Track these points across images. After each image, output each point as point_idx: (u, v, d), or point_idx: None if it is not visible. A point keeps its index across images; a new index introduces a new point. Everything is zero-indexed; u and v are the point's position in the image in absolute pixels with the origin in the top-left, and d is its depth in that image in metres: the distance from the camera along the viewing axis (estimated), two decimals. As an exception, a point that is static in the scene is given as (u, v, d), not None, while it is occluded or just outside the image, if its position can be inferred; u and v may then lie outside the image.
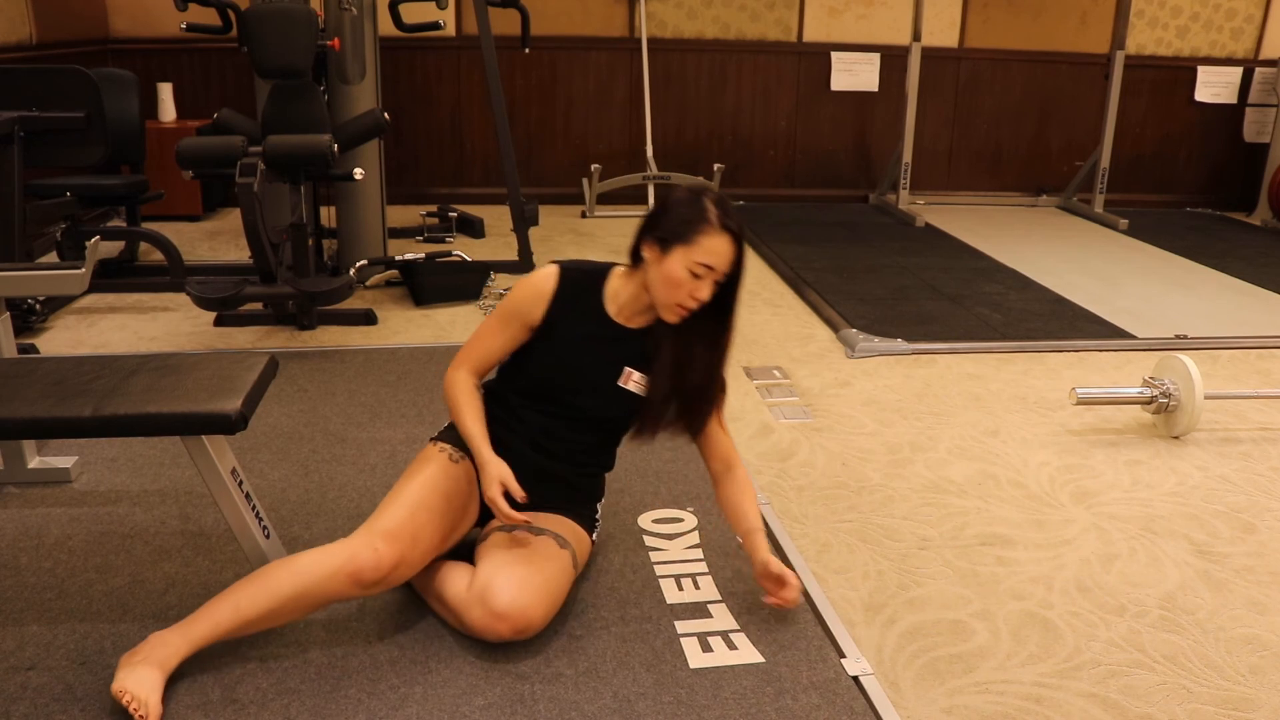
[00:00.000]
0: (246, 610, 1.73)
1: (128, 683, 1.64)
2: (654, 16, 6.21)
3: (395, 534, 1.81)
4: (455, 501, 1.94)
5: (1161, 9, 6.61)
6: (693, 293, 1.87)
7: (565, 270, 1.99)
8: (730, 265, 1.88)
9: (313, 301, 3.65)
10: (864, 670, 1.84)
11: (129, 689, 1.63)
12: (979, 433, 3.00)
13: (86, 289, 2.55)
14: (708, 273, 1.86)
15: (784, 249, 5.18)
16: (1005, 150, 6.82)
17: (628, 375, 1.99)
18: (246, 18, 3.94)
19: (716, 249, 1.85)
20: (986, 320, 4.10)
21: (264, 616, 1.74)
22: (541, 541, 1.92)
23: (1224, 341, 3.94)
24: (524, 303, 1.97)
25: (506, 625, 1.79)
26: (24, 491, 2.41)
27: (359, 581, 1.76)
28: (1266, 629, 2.06)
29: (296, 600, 1.74)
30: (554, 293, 1.97)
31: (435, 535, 1.88)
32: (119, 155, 4.26)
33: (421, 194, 6.15)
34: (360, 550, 1.77)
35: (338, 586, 1.75)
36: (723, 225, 1.85)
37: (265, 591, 1.74)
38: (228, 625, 1.73)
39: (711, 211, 1.85)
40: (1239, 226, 6.40)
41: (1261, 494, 2.67)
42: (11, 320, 2.46)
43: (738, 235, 1.87)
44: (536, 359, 2.00)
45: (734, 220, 1.86)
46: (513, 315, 1.98)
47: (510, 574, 1.83)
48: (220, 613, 1.74)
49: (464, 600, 1.84)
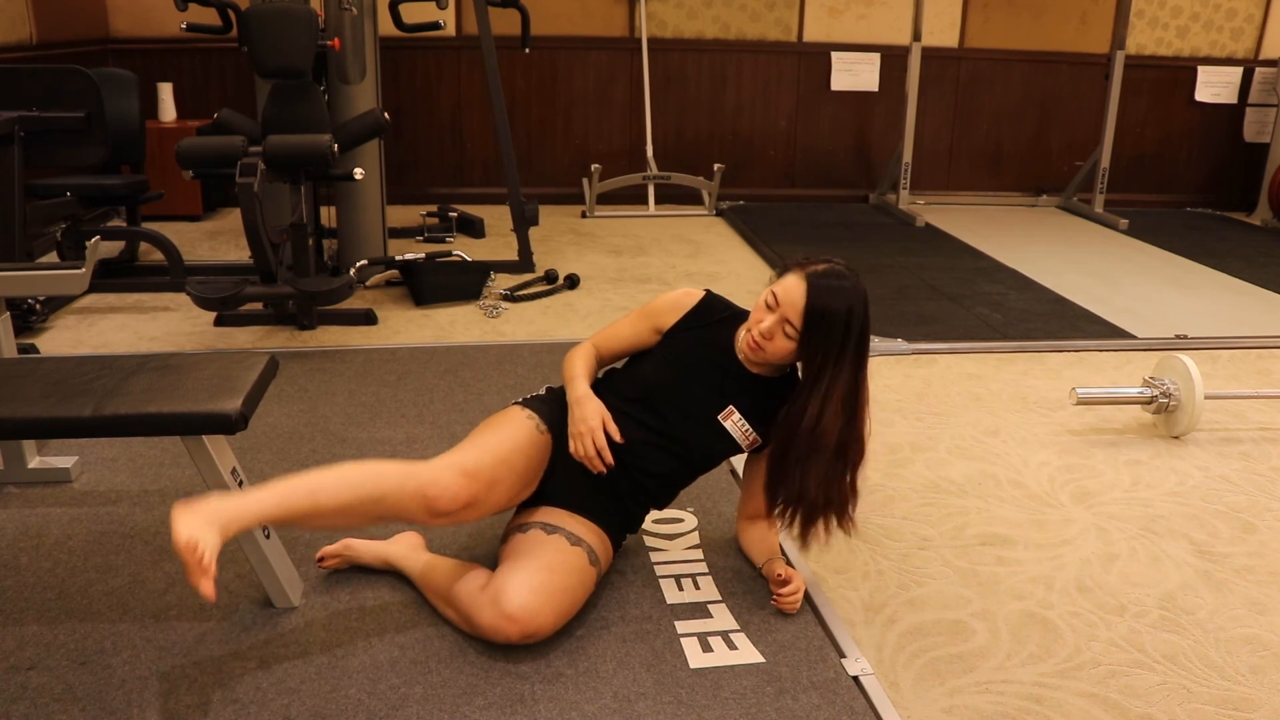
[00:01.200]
0: (324, 500, 1.72)
1: (195, 533, 1.53)
2: (654, 16, 6.21)
3: (476, 474, 1.83)
4: (531, 470, 1.96)
5: (1161, 9, 6.61)
6: (759, 322, 1.89)
7: (710, 295, 2.08)
8: (798, 316, 1.85)
9: (313, 301, 3.65)
10: (864, 670, 1.84)
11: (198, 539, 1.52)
12: (979, 433, 3.00)
13: (86, 289, 2.55)
14: (775, 307, 1.87)
15: (784, 249, 5.17)
16: (1005, 150, 6.83)
17: (729, 413, 2.00)
18: (246, 18, 3.94)
19: (788, 286, 1.87)
20: (987, 320, 4.10)
21: (336, 511, 1.73)
22: (569, 550, 1.90)
23: (1224, 341, 3.94)
24: (661, 307, 2.05)
25: (516, 628, 1.79)
26: (24, 491, 2.41)
27: (431, 507, 1.77)
28: (1266, 629, 2.06)
29: (373, 504, 1.75)
30: (692, 308, 2.04)
31: (507, 492, 1.90)
32: (119, 155, 4.26)
33: (421, 194, 6.15)
34: (442, 477, 1.79)
35: (411, 505, 1.77)
36: (808, 276, 1.86)
37: (346, 485, 1.74)
38: (300, 509, 1.71)
39: (814, 265, 1.89)
40: (1239, 226, 6.40)
41: (1261, 494, 2.67)
42: (11, 320, 2.46)
43: (818, 294, 1.84)
44: (651, 363, 2.04)
45: (823, 285, 1.84)
46: (647, 315, 2.06)
47: (526, 578, 1.82)
48: (295, 495, 1.71)
49: (476, 601, 1.84)
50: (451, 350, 3.52)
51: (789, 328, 1.87)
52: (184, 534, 1.53)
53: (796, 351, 1.90)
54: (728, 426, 2.00)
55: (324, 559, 2.07)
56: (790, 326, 1.86)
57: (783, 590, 1.97)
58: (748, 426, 2.01)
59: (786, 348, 1.89)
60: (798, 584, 1.98)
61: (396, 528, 2.21)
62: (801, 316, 1.85)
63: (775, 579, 1.99)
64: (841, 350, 1.86)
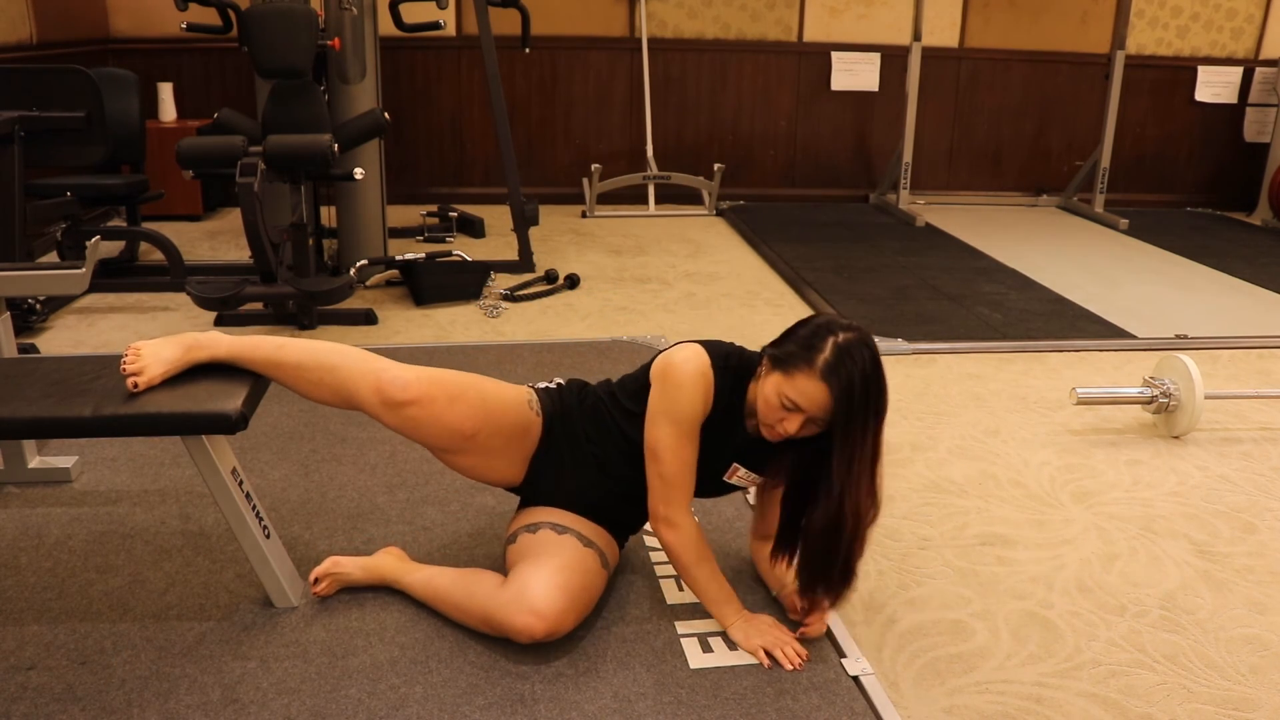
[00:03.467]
0: (289, 352, 1.91)
1: (147, 346, 1.86)
2: (654, 16, 6.21)
3: (436, 380, 1.88)
4: (505, 432, 1.93)
5: (1162, 9, 6.61)
6: (782, 421, 1.79)
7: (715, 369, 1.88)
8: (824, 413, 1.76)
9: (313, 301, 3.65)
10: (864, 670, 1.84)
11: (143, 351, 1.84)
12: (979, 432, 3.00)
13: (86, 289, 2.55)
14: (796, 410, 1.77)
15: (784, 249, 5.18)
16: (1005, 150, 6.82)
17: (734, 470, 1.96)
18: (246, 18, 3.94)
19: (807, 391, 1.75)
20: (987, 320, 4.10)
21: (295, 366, 1.90)
22: (583, 551, 1.90)
23: (1224, 341, 3.94)
24: (699, 404, 1.86)
25: (544, 625, 1.78)
26: (24, 491, 2.41)
27: (381, 391, 1.84)
28: (1266, 629, 2.06)
29: (328, 372, 1.88)
30: (715, 388, 1.88)
31: (468, 418, 1.88)
32: (119, 155, 4.26)
33: (421, 194, 6.15)
34: (403, 372, 1.87)
35: (363, 384, 1.86)
36: (823, 373, 1.73)
37: (310, 349, 1.92)
38: (266, 354, 1.91)
39: (821, 356, 1.74)
40: (1239, 226, 6.40)
41: (1262, 494, 2.67)
42: (11, 320, 2.46)
43: (840, 388, 1.73)
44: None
45: (842, 374, 1.73)
46: (695, 420, 1.87)
47: (549, 576, 1.82)
48: (266, 343, 1.93)
49: (497, 600, 1.83)
50: (451, 350, 3.52)
51: (818, 421, 1.79)
52: (136, 342, 1.85)
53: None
54: (734, 481, 1.98)
55: (316, 581, 2.01)
56: (819, 420, 1.78)
57: (810, 619, 1.92)
58: (752, 475, 1.98)
59: (812, 432, 1.82)
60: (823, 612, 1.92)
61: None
62: (829, 413, 1.76)
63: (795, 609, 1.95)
64: (865, 417, 1.77)
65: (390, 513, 2.35)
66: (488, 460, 1.96)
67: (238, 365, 1.93)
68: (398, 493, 2.45)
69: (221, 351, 1.93)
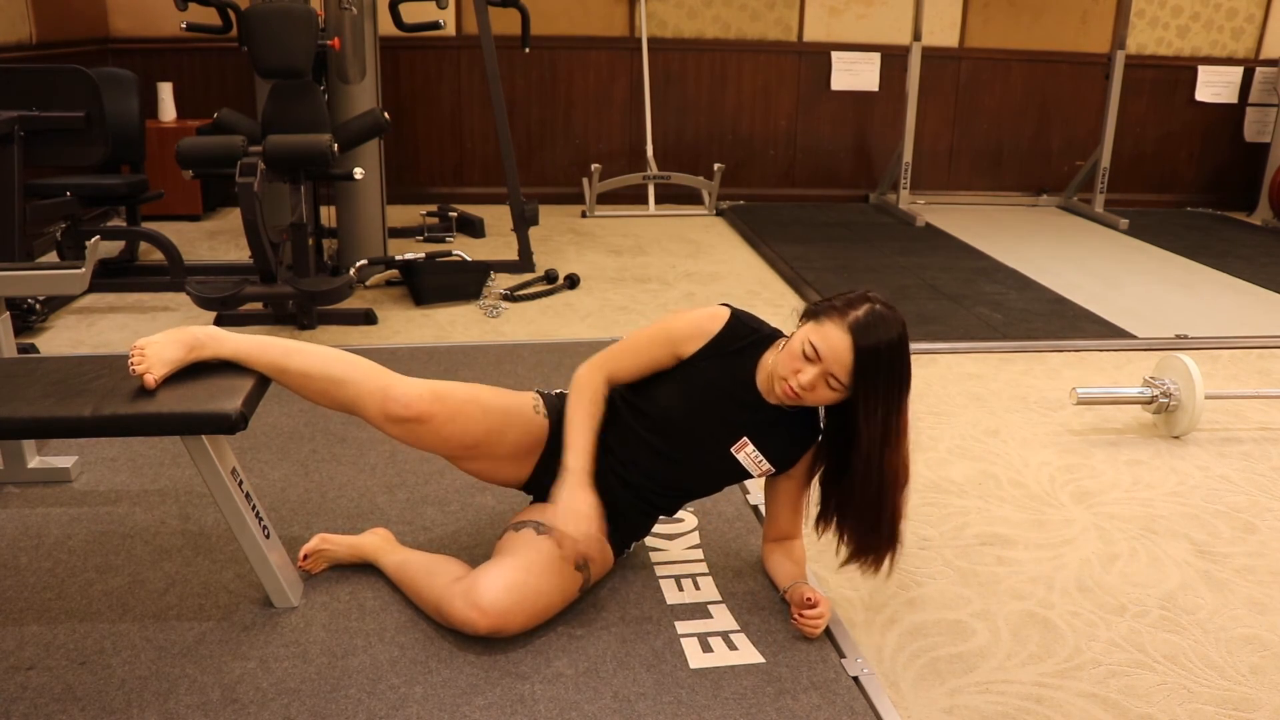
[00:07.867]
0: (295, 359, 1.91)
1: (150, 346, 1.85)
2: (654, 16, 6.21)
3: (441, 396, 1.90)
4: (508, 433, 1.96)
5: (1162, 9, 6.61)
6: (797, 373, 1.79)
7: (735, 318, 1.94)
8: (844, 372, 1.76)
9: (313, 301, 3.65)
10: (864, 670, 1.84)
11: (148, 352, 1.84)
12: (979, 432, 3.00)
13: (86, 289, 2.55)
14: (816, 359, 1.77)
15: (784, 249, 5.18)
16: (1005, 150, 6.82)
17: (742, 444, 1.94)
18: (246, 17, 3.94)
19: (831, 339, 1.75)
20: (987, 320, 4.10)
21: (302, 373, 1.91)
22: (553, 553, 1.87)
23: (1224, 341, 3.94)
24: (683, 332, 1.93)
25: (486, 622, 1.79)
26: (24, 491, 2.41)
27: (386, 407, 1.87)
28: (1267, 629, 2.06)
29: (335, 383, 1.90)
30: (715, 335, 1.92)
31: (470, 432, 1.92)
32: (119, 155, 4.26)
33: (421, 194, 6.15)
34: (410, 388, 1.89)
35: (369, 400, 1.89)
36: (852, 328, 1.75)
37: (319, 357, 1.92)
38: (272, 358, 1.92)
39: (855, 313, 1.76)
40: (1239, 226, 6.40)
41: (1262, 494, 2.67)
42: (11, 320, 2.46)
43: (865, 348, 1.74)
44: (667, 389, 1.95)
45: (870, 336, 1.74)
46: (668, 340, 1.94)
47: (501, 575, 1.83)
48: (273, 347, 1.93)
49: (450, 591, 1.85)
50: (451, 350, 3.52)
51: (834, 381, 1.78)
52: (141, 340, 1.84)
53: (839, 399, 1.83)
54: (740, 457, 1.95)
55: (305, 558, 2.06)
56: (835, 380, 1.78)
57: (808, 612, 1.90)
58: (761, 457, 1.95)
59: (829, 398, 1.82)
60: (824, 609, 1.91)
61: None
62: (850, 373, 1.76)
63: (803, 602, 1.92)
64: (889, 390, 1.79)
65: (390, 513, 2.35)
66: (494, 465, 2.01)
67: (241, 365, 1.93)
68: (398, 493, 2.45)
69: (226, 351, 1.93)
